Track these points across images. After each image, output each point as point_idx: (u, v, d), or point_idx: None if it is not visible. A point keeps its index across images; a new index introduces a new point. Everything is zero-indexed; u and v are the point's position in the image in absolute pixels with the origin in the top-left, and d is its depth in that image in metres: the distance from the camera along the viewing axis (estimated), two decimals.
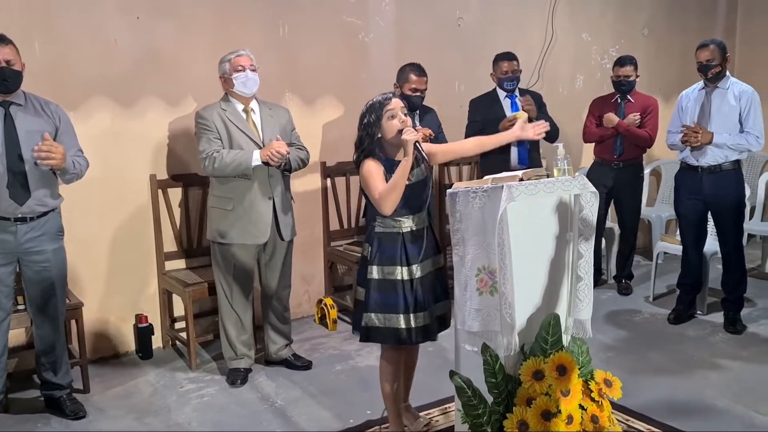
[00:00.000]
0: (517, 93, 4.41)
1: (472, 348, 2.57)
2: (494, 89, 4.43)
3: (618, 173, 4.83)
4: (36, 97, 3.08)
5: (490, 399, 2.59)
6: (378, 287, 2.75)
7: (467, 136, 4.32)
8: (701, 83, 4.14)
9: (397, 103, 2.72)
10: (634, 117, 4.70)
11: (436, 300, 2.84)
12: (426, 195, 2.81)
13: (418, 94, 3.97)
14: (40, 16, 3.55)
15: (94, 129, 3.74)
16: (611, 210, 5.09)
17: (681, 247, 4.41)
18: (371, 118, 2.71)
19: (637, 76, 4.78)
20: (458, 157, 3.92)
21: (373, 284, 2.76)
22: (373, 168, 2.69)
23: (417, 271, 2.75)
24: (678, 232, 4.46)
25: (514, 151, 4.32)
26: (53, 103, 3.15)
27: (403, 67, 4.00)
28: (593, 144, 4.97)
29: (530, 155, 4.40)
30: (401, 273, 2.74)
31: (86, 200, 3.74)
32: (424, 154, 2.69)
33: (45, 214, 3.06)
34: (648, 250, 5.90)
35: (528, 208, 2.58)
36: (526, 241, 2.57)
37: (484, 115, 4.33)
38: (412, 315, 2.75)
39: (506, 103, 4.38)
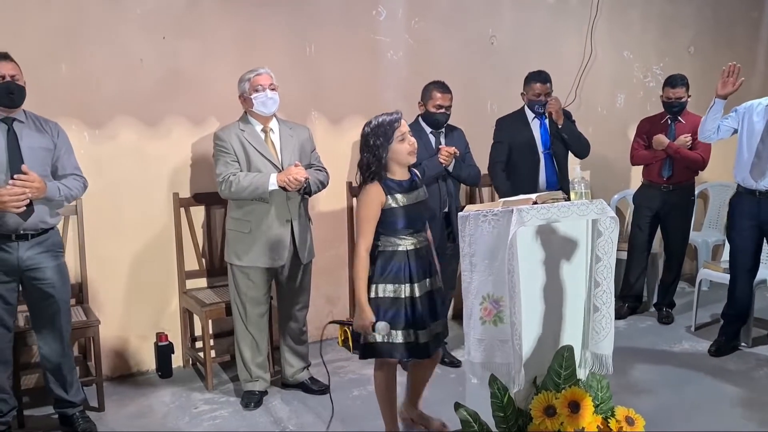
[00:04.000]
0: (546, 115, 4.18)
1: (475, 380, 2.45)
2: (522, 108, 4.27)
3: (666, 196, 4.61)
4: (35, 116, 3.11)
5: None
6: (378, 305, 2.75)
7: (492, 156, 4.23)
8: (767, 99, 3.88)
9: (405, 126, 2.73)
10: (685, 138, 4.48)
11: (434, 318, 2.82)
12: (426, 215, 2.81)
13: (442, 110, 3.87)
14: (67, 36, 3.61)
15: (118, 148, 3.78)
16: (658, 235, 4.87)
17: (725, 275, 4.17)
18: (379, 140, 2.68)
19: (688, 96, 4.57)
20: None
21: (372, 303, 2.76)
22: (373, 197, 2.70)
23: (417, 289, 2.76)
24: (723, 258, 4.21)
25: (542, 174, 4.16)
26: (53, 121, 3.17)
27: (427, 85, 3.91)
28: (641, 166, 4.77)
29: (562, 178, 4.23)
30: (404, 291, 2.75)
31: (109, 218, 3.77)
32: (418, 175, 2.80)
33: (45, 231, 3.07)
34: (694, 276, 5.61)
35: (542, 233, 2.46)
36: (540, 269, 2.46)
37: (511, 135, 4.19)
38: (412, 331, 2.77)
39: (534, 125, 4.21)
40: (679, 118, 4.59)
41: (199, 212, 4.05)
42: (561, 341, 2.53)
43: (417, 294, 2.76)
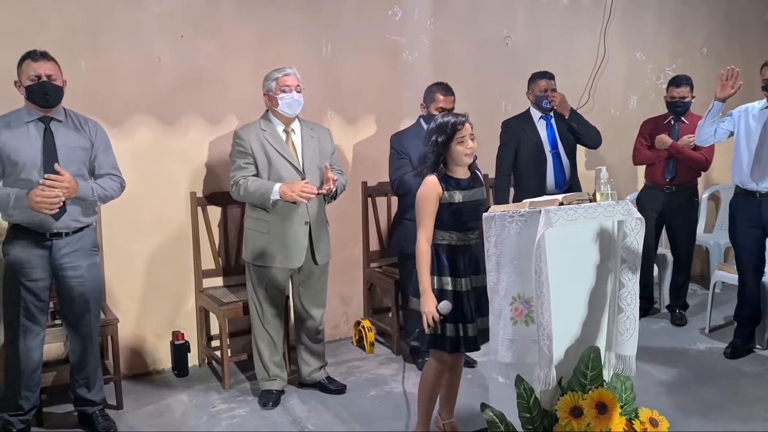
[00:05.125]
0: (551, 114, 4.24)
1: (504, 380, 2.45)
2: (528, 110, 4.29)
3: (670, 197, 4.61)
4: (76, 114, 3.11)
5: None
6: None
7: (500, 158, 4.25)
8: (763, 102, 3.91)
9: (468, 129, 2.77)
10: (688, 138, 4.47)
11: (482, 314, 2.81)
12: (480, 215, 2.80)
13: (444, 113, 3.86)
14: (87, 35, 3.61)
15: (136, 146, 3.78)
16: (663, 236, 4.87)
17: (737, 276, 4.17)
18: (441, 138, 2.74)
19: (692, 97, 4.57)
20: None
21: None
22: (430, 189, 2.75)
23: (463, 284, 2.78)
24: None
25: (550, 174, 4.17)
26: (92, 120, 3.17)
27: (429, 87, 3.91)
28: (644, 167, 4.77)
29: (569, 178, 4.24)
30: (453, 284, 2.78)
31: (127, 216, 3.76)
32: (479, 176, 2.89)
33: (80, 230, 3.07)
34: (705, 278, 5.62)
35: (568, 233, 2.46)
36: (566, 269, 2.45)
37: (517, 137, 4.21)
38: (460, 325, 2.78)
39: (541, 125, 4.23)
40: (683, 118, 4.59)
41: (215, 211, 4.04)
42: (586, 342, 2.53)
43: (463, 288, 2.78)
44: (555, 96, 4.15)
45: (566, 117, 4.19)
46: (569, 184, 4.23)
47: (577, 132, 4.22)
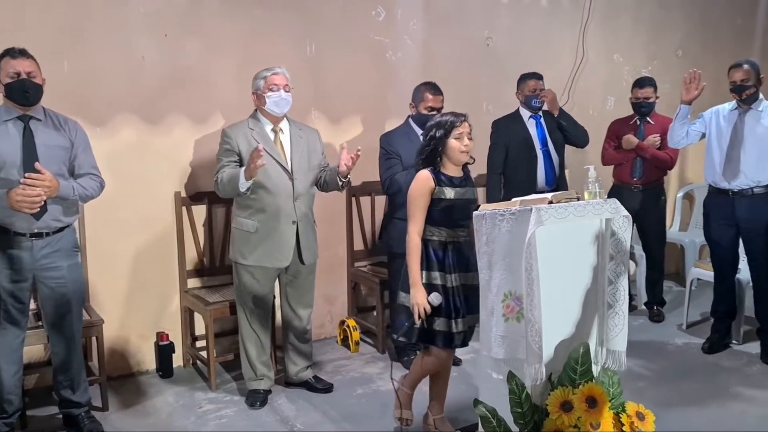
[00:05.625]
0: (540, 114, 4.34)
1: (497, 376, 2.48)
2: (517, 110, 4.37)
3: (638, 196, 4.71)
4: (55, 114, 3.07)
5: (515, 429, 2.49)
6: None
7: (491, 158, 4.33)
8: (733, 104, 4.02)
9: (466, 127, 2.84)
10: (654, 138, 4.61)
11: (470, 311, 2.87)
12: (470, 214, 2.85)
13: (434, 113, 3.90)
14: (70, 33, 3.57)
15: (120, 145, 3.75)
16: (635, 234, 4.96)
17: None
18: (439, 132, 2.81)
19: (656, 98, 4.69)
20: None
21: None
22: (423, 182, 2.80)
23: (452, 280, 2.82)
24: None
25: (541, 172, 4.24)
26: (72, 119, 3.14)
27: (418, 87, 3.95)
28: (612, 167, 4.88)
29: (558, 176, 4.31)
30: (441, 279, 2.82)
31: (110, 216, 3.73)
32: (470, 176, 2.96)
33: (61, 230, 3.03)
34: (681, 275, 5.73)
35: (557, 231, 2.50)
36: (555, 266, 2.49)
37: (508, 136, 4.28)
38: (452, 321, 2.82)
39: (531, 124, 4.31)
40: (648, 118, 4.71)
41: (200, 211, 4.03)
42: (575, 338, 2.57)
43: (452, 284, 2.82)
44: (546, 93, 4.23)
45: (555, 115, 4.26)
46: (559, 181, 4.32)
47: (566, 130, 4.31)
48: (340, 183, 3.46)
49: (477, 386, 2.81)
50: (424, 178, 2.81)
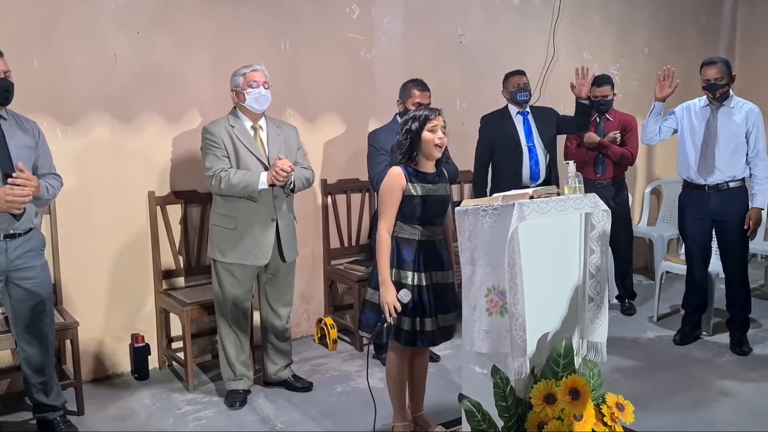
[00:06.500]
0: (528, 110, 4.38)
1: (481, 370, 2.50)
2: (506, 106, 4.41)
3: (602, 192, 4.75)
4: (15, 113, 3.01)
5: (500, 423, 2.51)
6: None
7: (478, 152, 4.40)
8: (704, 100, 4.10)
9: (440, 121, 2.85)
10: (614, 135, 4.70)
11: (443, 311, 2.87)
12: (443, 211, 2.88)
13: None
14: (39, 30, 3.49)
15: (92, 144, 3.68)
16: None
17: (685, 266, 4.36)
18: (414, 125, 2.82)
19: (614, 95, 4.78)
20: None
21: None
22: (393, 179, 2.79)
23: (423, 278, 2.82)
24: (681, 251, 4.41)
25: (526, 168, 4.29)
26: (30, 119, 3.08)
27: (405, 84, 3.95)
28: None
29: (545, 171, 4.36)
30: (411, 278, 2.81)
31: (83, 217, 3.67)
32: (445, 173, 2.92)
33: (30, 230, 2.99)
34: (650, 269, 5.85)
35: (538, 226, 2.52)
36: (536, 261, 2.51)
37: (494, 131, 4.33)
38: (418, 319, 2.82)
39: (518, 120, 4.36)
40: (607, 115, 4.81)
41: (175, 210, 3.97)
42: (558, 331, 2.60)
43: (423, 283, 2.81)
44: (582, 83, 4.18)
45: (584, 100, 4.21)
46: (545, 177, 4.35)
47: (584, 113, 4.27)
48: (286, 193, 3.45)
49: (456, 382, 2.83)
50: (395, 174, 2.80)
